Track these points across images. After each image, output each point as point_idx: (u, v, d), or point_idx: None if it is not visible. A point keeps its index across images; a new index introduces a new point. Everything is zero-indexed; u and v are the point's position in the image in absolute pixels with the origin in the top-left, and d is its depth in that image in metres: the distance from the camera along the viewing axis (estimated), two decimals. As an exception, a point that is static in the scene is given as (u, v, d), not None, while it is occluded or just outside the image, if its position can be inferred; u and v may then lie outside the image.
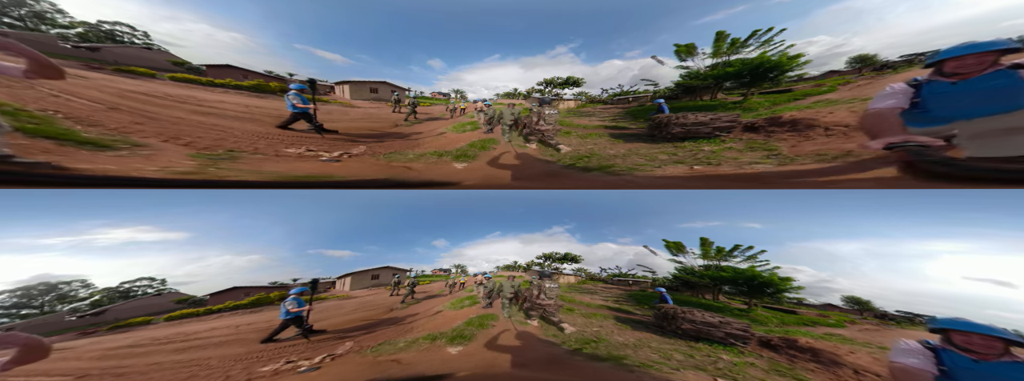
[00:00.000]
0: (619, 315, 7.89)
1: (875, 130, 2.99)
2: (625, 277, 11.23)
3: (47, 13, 6.41)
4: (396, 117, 8.69)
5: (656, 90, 8.19)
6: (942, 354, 2.79)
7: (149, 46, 6.90)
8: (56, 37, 6.30)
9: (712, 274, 7.77)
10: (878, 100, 3.13)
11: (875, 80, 5.85)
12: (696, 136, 5.50)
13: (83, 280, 8.02)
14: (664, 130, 5.74)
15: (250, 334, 6.71)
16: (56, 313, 7.57)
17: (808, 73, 6.31)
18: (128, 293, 8.22)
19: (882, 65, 6.20)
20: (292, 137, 6.18)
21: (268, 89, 7.43)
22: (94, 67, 6.20)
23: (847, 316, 7.19)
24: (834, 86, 5.84)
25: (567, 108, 9.76)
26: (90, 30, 6.72)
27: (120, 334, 7.08)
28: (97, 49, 6.52)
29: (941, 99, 2.98)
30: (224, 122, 5.83)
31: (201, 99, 6.48)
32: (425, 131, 7.96)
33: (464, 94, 10.31)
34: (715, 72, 6.88)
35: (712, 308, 6.58)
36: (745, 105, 6.23)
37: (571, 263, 12.61)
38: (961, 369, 2.69)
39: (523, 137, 6.84)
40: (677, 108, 6.93)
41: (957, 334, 2.78)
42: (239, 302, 8.81)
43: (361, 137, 6.95)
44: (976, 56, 2.85)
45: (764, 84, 6.34)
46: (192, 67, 6.94)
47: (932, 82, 3.03)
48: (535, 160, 6.08)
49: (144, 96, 5.85)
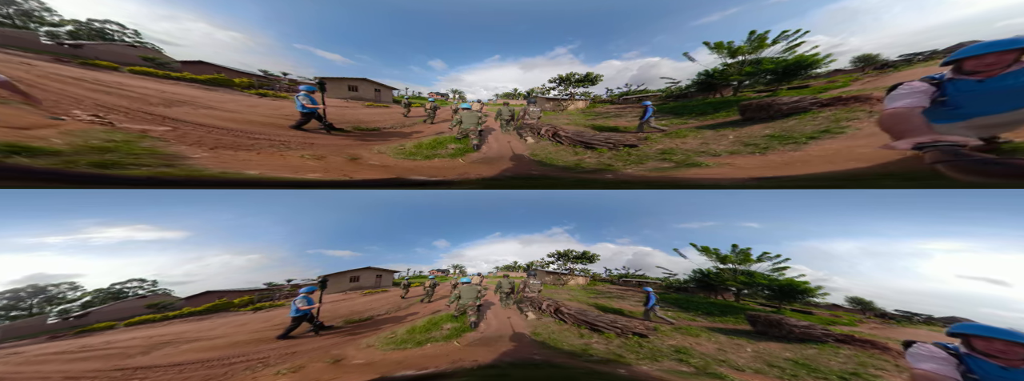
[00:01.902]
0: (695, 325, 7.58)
1: (899, 130, 2.96)
2: (632, 277, 11.14)
3: (35, 11, 6.44)
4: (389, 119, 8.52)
5: (676, 86, 8.28)
6: (968, 361, 2.72)
7: (135, 43, 6.94)
8: (38, 34, 6.33)
9: (744, 279, 8.18)
10: (896, 99, 3.09)
11: (879, 77, 6.25)
12: (791, 113, 6.15)
13: (71, 282, 7.83)
14: (765, 111, 6.36)
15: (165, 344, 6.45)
16: (39, 316, 7.44)
17: (814, 72, 6.78)
18: (119, 294, 8.03)
19: (882, 64, 6.42)
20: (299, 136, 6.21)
21: (227, 83, 7.36)
22: (62, 61, 6.25)
23: (853, 315, 7.53)
24: (847, 82, 6.36)
25: (578, 108, 9.70)
26: (81, 28, 6.76)
27: (71, 340, 6.79)
28: (80, 46, 6.61)
29: (969, 97, 2.98)
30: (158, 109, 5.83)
31: (162, 90, 6.46)
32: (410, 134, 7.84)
33: (462, 94, 10.29)
34: (750, 69, 7.14)
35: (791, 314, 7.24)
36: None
37: (586, 262, 12.18)
38: (991, 376, 2.62)
39: (516, 131, 7.72)
40: (690, 106, 7.48)
41: (979, 340, 2.71)
42: (195, 308, 8.44)
43: (368, 135, 7.10)
44: (997, 55, 2.86)
45: (793, 80, 6.81)
46: (162, 62, 6.95)
47: (957, 80, 3.01)
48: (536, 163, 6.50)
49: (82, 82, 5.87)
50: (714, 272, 8.71)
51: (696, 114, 7.29)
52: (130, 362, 5.43)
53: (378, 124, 7.79)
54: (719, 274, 8.65)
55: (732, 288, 8.54)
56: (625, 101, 9.23)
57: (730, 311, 7.83)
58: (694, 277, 9.07)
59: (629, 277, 11.10)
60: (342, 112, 8.08)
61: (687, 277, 9.28)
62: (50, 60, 6.15)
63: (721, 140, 6.06)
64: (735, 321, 7.39)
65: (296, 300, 6.91)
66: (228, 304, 8.72)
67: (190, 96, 6.58)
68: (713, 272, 8.72)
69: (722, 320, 7.50)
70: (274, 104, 7.31)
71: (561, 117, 8.91)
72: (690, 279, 9.17)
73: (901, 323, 7.21)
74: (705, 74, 7.76)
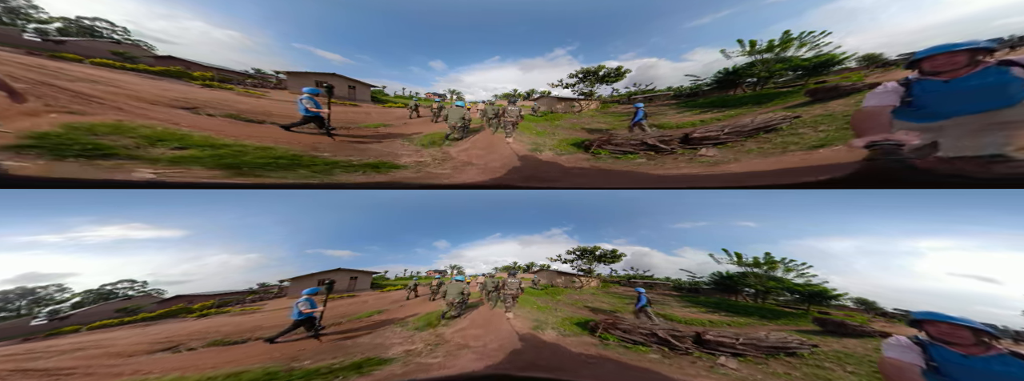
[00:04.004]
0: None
1: (862, 128, 3.10)
2: (639, 278, 11.05)
3: (21, 8, 6.48)
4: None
5: (698, 83, 8.54)
6: (931, 349, 2.83)
7: (119, 40, 6.98)
8: (21, 30, 6.38)
9: (774, 285, 8.67)
10: (870, 98, 3.20)
11: (885, 73, 6.45)
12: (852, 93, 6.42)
13: (59, 284, 7.63)
14: (832, 93, 6.66)
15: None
16: (22, 318, 7.27)
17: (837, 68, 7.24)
18: (109, 296, 7.84)
19: (884, 63, 6.60)
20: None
21: (172, 74, 7.24)
22: (33, 53, 6.25)
23: (862, 315, 7.92)
24: (861, 77, 6.71)
25: (591, 109, 9.66)
26: (70, 25, 6.84)
27: (21, 344, 6.63)
28: (62, 42, 6.65)
29: (933, 97, 3.03)
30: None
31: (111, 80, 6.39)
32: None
33: (460, 94, 10.26)
34: (781, 66, 7.48)
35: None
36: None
37: (614, 261, 11.49)
38: (951, 364, 2.73)
39: (502, 128, 8.27)
40: (709, 103, 7.98)
41: (930, 325, 2.87)
42: (150, 314, 8.09)
43: (367, 138, 7.17)
44: (947, 56, 2.95)
45: (818, 76, 7.20)
46: (131, 57, 6.96)
47: (923, 81, 3.08)
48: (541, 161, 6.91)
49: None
50: (738, 275, 9.10)
51: (721, 107, 7.63)
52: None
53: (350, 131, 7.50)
54: (743, 277, 9.05)
55: (750, 290, 8.99)
56: (634, 100, 9.30)
57: (756, 312, 8.26)
58: (714, 279, 9.43)
59: (637, 277, 11.04)
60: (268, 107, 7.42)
61: (705, 279, 9.65)
62: (23, 53, 6.13)
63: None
64: (789, 322, 7.79)
65: (298, 302, 6.71)
66: (185, 309, 8.40)
67: (124, 82, 6.53)
68: (737, 275, 9.11)
69: (780, 322, 7.78)
70: (184, 89, 7.12)
71: (585, 120, 8.97)
72: (709, 281, 9.53)
73: (901, 321, 7.31)
74: (724, 72, 7.95)
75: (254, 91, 7.91)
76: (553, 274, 12.33)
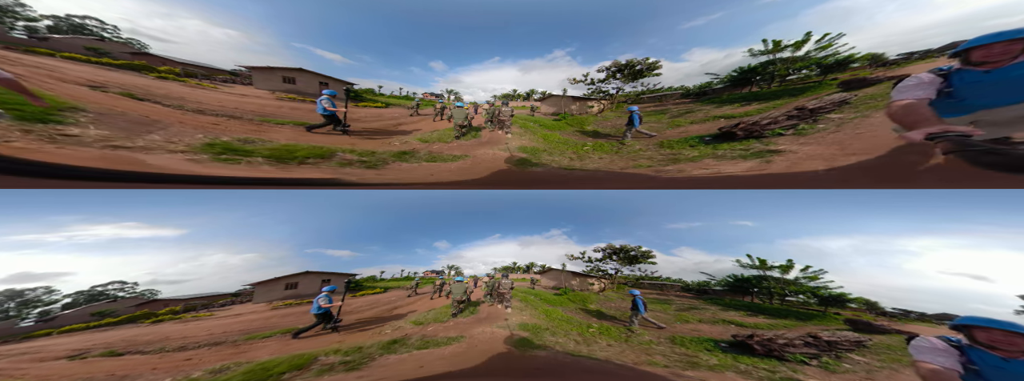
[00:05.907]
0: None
1: (909, 121, 2.91)
2: (648, 279, 10.91)
3: (9, 6, 6.49)
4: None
5: (716, 81, 8.68)
6: (970, 352, 2.78)
7: (103, 38, 6.98)
8: (7, 28, 6.45)
9: (795, 289, 9.01)
10: (904, 91, 3.06)
11: (888, 71, 6.73)
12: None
13: (47, 286, 7.43)
14: (864, 83, 6.97)
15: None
16: (7, 320, 7.17)
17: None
18: (99, 297, 7.64)
19: (886, 61, 6.75)
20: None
21: (133, 67, 7.08)
22: (9, 47, 6.38)
23: (867, 315, 8.10)
24: (868, 74, 7.04)
25: (604, 109, 9.60)
26: (60, 22, 6.84)
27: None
28: (46, 39, 6.76)
29: (974, 88, 2.94)
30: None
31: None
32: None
33: (459, 94, 10.24)
34: (801, 64, 7.77)
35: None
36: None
37: (643, 262, 10.79)
38: (991, 367, 2.68)
39: (498, 126, 8.82)
40: (740, 98, 8.22)
41: (980, 331, 2.78)
42: (116, 319, 7.81)
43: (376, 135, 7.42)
44: (1004, 44, 2.82)
45: (834, 73, 7.46)
46: (104, 52, 6.95)
47: (962, 71, 2.98)
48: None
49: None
50: (755, 278, 9.37)
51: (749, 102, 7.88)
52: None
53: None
54: (758, 280, 9.34)
55: (757, 290, 9.37)
56: (651, 99, 9.30)
57: (786, 314, 8.55)
58: (728, 281, 9.69)
59: (647, 278, 10.90)
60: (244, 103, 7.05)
61: (718, 281, 9.90)
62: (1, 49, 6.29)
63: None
64: (821, 323, 8.05)
65: (318, 298, 7.25)
66: (150, 314, 8.10)
67: (69, 69, 6.56)
68: (754, 278, 9.38)
69: (813, 323, 8.03)
70: (125, 78, 6.97)
71: (612, 122, 8.95)
72: (722, 283, 9.81)
73: (901, 320, 7.44)
74: (740, 70, 8.14)
75: (206, 84, 7.54)
76: (567, 275, 11.76)
